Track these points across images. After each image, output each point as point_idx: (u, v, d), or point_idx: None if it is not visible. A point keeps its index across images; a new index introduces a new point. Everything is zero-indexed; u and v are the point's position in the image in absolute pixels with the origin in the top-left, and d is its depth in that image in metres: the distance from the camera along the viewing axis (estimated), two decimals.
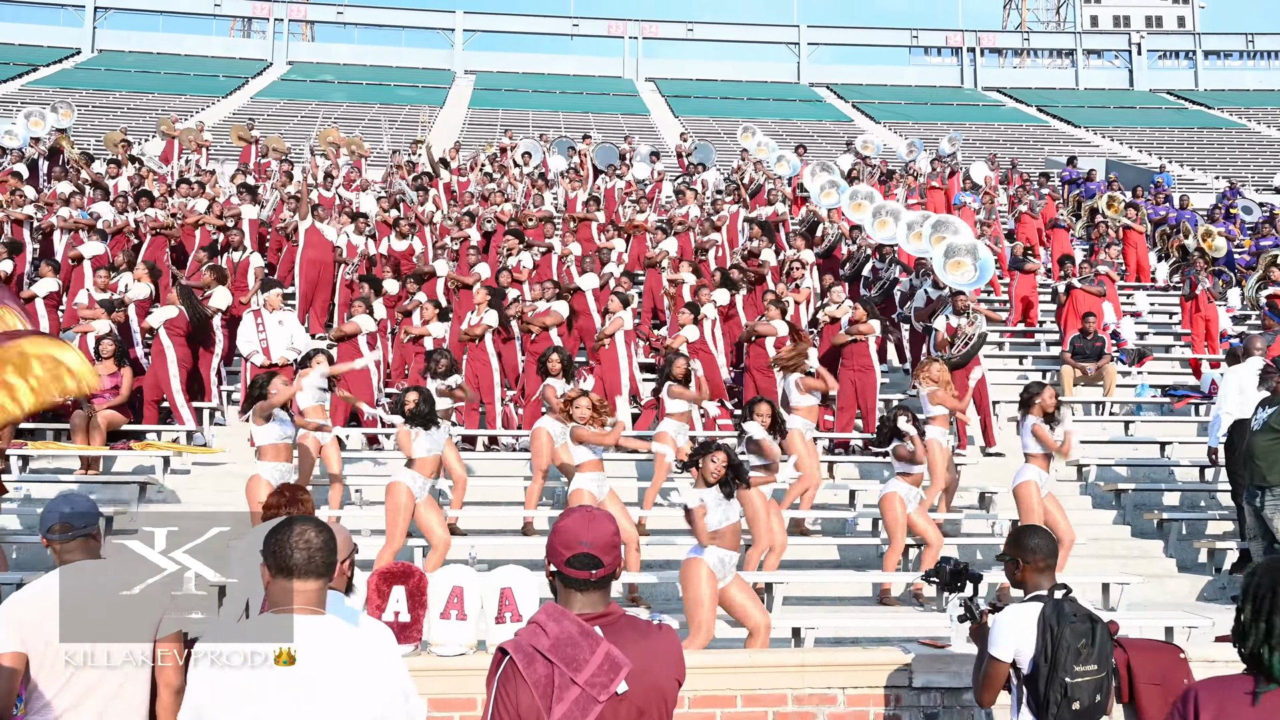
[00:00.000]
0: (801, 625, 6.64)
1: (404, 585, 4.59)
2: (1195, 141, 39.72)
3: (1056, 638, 3.66)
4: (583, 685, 2.44)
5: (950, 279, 11.42)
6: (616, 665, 2.47)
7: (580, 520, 2.63)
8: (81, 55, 49.73)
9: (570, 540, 2.59)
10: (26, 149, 17.77)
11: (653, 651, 2.59)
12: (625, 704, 2.49)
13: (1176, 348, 14.79)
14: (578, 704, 2.43)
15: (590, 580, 2.58)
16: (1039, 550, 3.88)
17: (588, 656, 2.47)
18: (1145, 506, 9.94)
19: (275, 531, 2.72)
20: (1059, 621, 3.68)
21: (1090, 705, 3.67)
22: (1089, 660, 3.67)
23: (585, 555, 2.58)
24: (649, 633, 2.65)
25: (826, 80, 54.41)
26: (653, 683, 2.55)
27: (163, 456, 9.50)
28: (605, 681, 2.45)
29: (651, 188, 19.30)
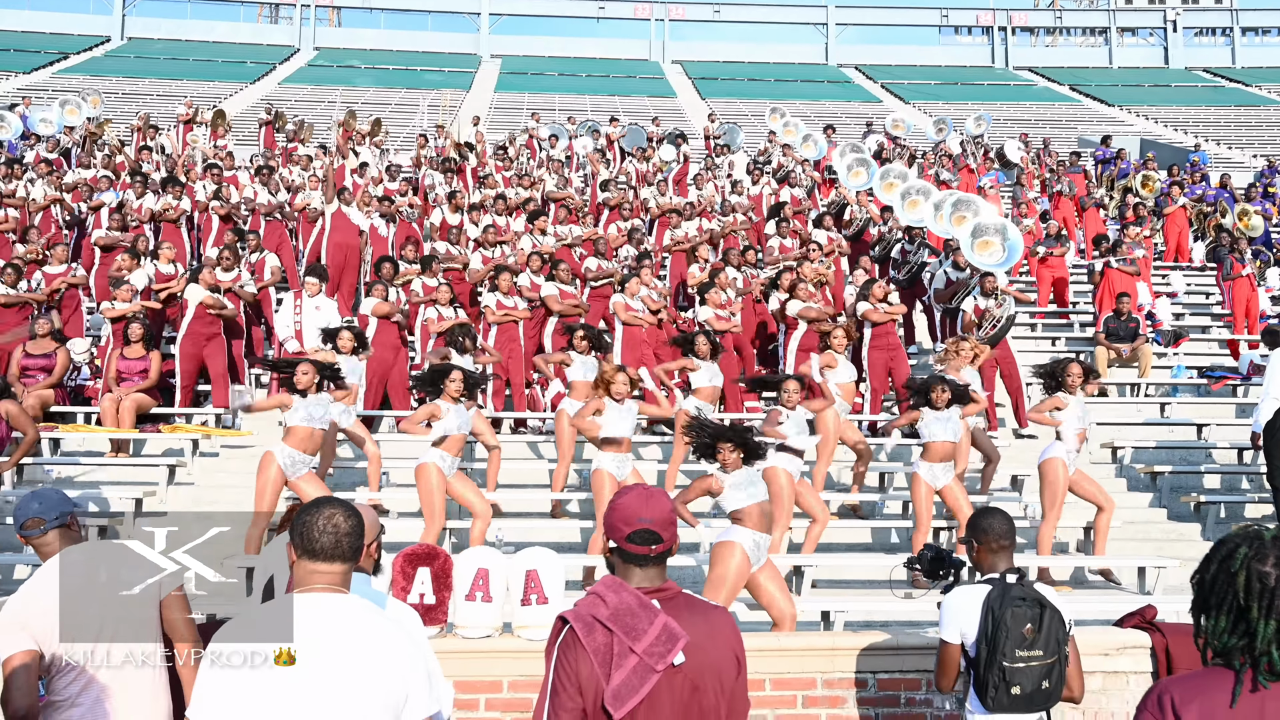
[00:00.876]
0: (831, 608, 6.57)
1: (429, 567, 4.55)
2: (1232, 120, 38.99)
3: (996, 620, 3.57)
4: (641, 654, 2.48)
5: (978, 259, 11.26)
6: (674, 636, 2.51)
7: (639, 497, 2.68)
8: (111, 43, 50.11)
9: (630, 517, 2.63)
10: (60, 137, 17.91)
11: (708, 629, 2.62)
12: (680, 677, 2.52)
13: (1214, 328, 14.54)
14: (635, 672, 2.47)
15: (649, 555, 2.63)
16: (992, 530, 3.78)
17: (646, 627, 2.51)
18: (1182, 489, 9.77)
19: (305, 512, 2.70)
20: (1001, 604, 3.59)
21: (1035, 691, 3.57)
22: (1035, 645, 3.55)
23: (645, 531, 2.62)
24: (705, 611, 2.68)
25: (855, 61, 53.86)
26: (708, 659, 2.57)
27: (191, 439, 9.55)
28: (663, 651, 2.49)
29: (678, 170, 19.19)
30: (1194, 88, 47.75)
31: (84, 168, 15.82)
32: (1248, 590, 2.11)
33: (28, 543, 3.53)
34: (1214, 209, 18.12)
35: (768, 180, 17.12)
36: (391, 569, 4.58)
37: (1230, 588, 2.13)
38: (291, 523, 2.70)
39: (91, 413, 10.01)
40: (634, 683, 2.47)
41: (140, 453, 9.66)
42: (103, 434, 9.51)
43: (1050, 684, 3.58)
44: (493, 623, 4.60)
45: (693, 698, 2.55)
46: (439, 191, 15.06)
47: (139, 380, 9.90)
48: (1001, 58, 55.20)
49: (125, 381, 9.89)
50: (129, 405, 9.59)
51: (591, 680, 2.49)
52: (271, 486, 7.18)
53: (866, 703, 4.60)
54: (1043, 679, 3.56)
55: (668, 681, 2.51)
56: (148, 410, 9.87)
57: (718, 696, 2.59)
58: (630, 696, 2.48)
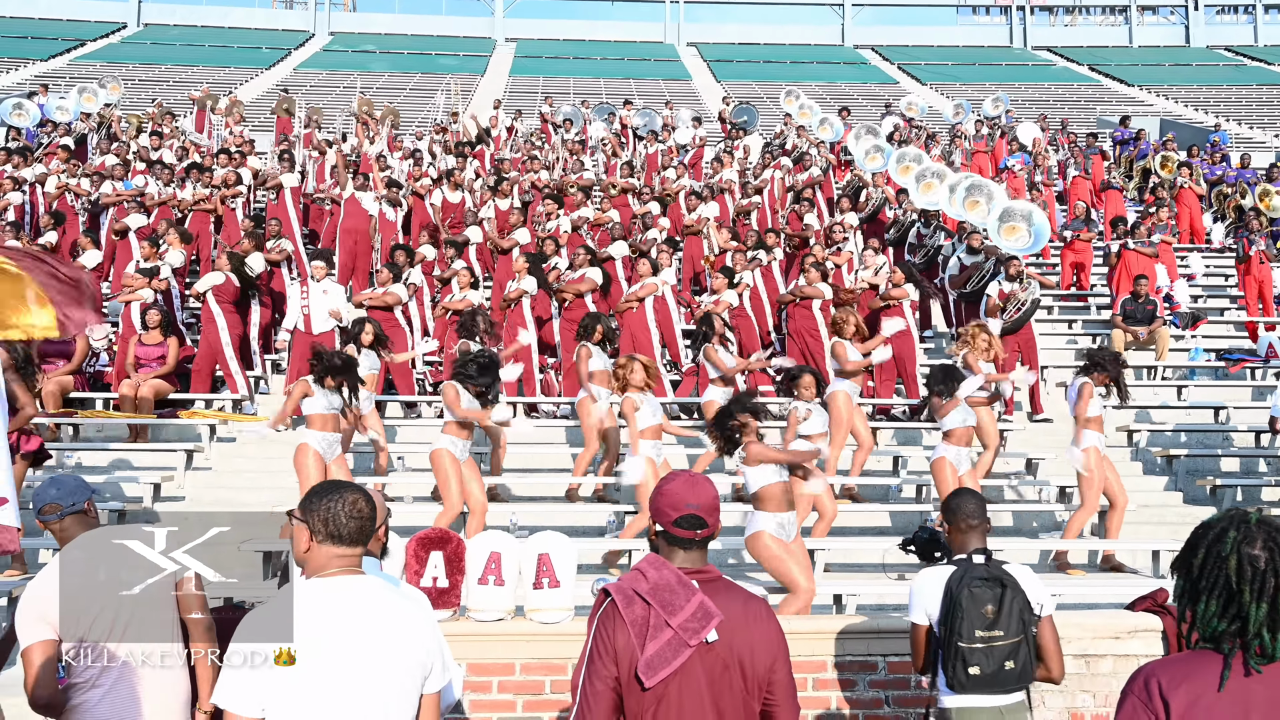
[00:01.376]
0: (844, 592, 6.59)
1: (442, 551, 4.59)
2: (1254, 99, 38.53)
3: (953, 601, 3.53)
4: (676, 628, 2.57)
5: (1005, 244, 11.22)
6: (709, 614, 2.60)
7: (686, 483, 2.77)
8: (127, 30, 50.23)
9: (678, 502, 2.72)
10: (76, 123, 18.00)
11: (744, 613, 2.70)
12: (713, 655, 2.61)
13: (1232, 310, 14.42)
14: (669, 645, 2.57)
15: (694, 539, 2.73)
16: (960, 510, 3.75)
17: (683, 603, 2.60)
18: (1198, 472, 9.72)
19: (325, 498, 2.73)
20: (959, 585, 3.55)
21: (998, 672, 3.50)
22: (995, 625, 3.49)
23: (692, 516, 2.71)
24: (744, 596, 2.76)
25: (871, 42, 53.44)
26: (741, 641, 2.65)
27: (209, 424, 9.63)
28: (697, 627, 2.58)
29: (694, 153, 19.13)
30: (1215, 67, 47.18)
31: (103, 154, 15.92)
32: (1239, 574, 2.10)
33: (45, 527, 3.59)
34: (1234, 190, 17.94)
35: (777, 164, 17.03)
36: (405, 552, 4.62)
37: (1221, 572, 2.12)
38: (308, 508, 2.72)
39: (110, 398, 10.10)
40: (667, 655, 2.57)
41: (158, 438, 9.75)
42: (121, 419, 9.60)
43: (1016, 665, 3.51)
44: (505, 606, 4.63)
45: (723, 676, 2.62)
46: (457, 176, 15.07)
47: (157, 366, 10.00)
48: (1020, 37, 54.66)
49: (143, 367, 9.98)
50: (147, 391, 9.68)
51: (627, 650, 2.59)
52: (312, 474, 7.26)
53: (877, 685, 4.62)
54: (1005, 660, 3.49)
55: (701, 657, 2.60)
56: (165, 396, 9.96)
57: (747, 678, 2.65)
58: (663, 667, 2.57)
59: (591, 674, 2.62)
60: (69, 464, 9.10)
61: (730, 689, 2.63)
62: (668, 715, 2.59)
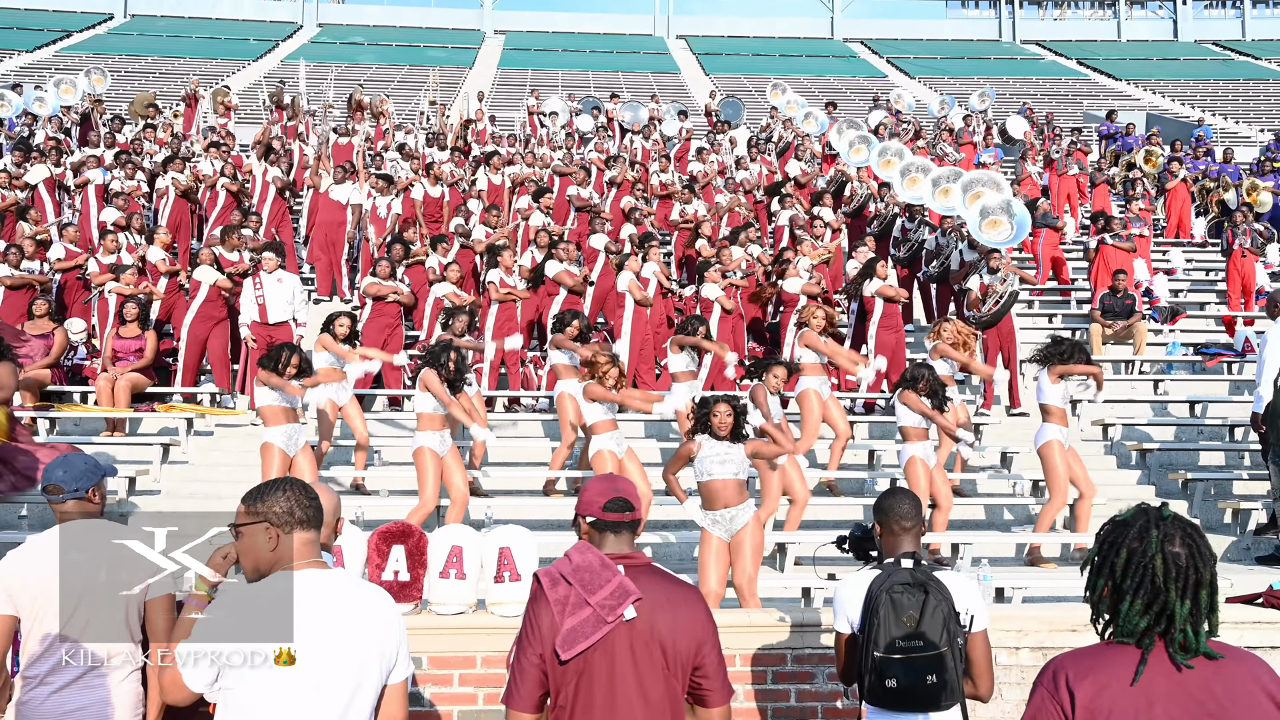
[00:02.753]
0: (812, 585, 6.63)
1: (403, 545, 4.61)
2: (1241, 93, 38.63)
3: (872, 608, 3.29)
4: (594, 605, 2.71)
5: (986, 238, 11.26)
6: (626, 592, 2.74)
7: (607, 478, 2.97)
8: (114, 20, 49.96)
9: (605, 489, 2.90)
10: (58, 116, 17.90)
11: (668, 596, 2.81)
12: (634, 634, 2.73)
13: (1212, 305, 14.49)
14: (588, 621, 2.71)
15: (622, 522, 2.88)
16: (893, 511, 3.52)
17: (603, 583, 2.74)
18: (1171, 466, 9.79)
19: (276, 492, 2.76)
20: (879, 591, 3.31)
21: (917, 685, 3.22)
22: (916, 635, 3.22)
23: (619, 499, 2.87)
24: (669, 581, 2.88)
25: (861, 35, 53.43)
26: (665, 622, 2.76)
27: (186, 418, 9.63)
28: (614, 604, 2.71)
29: (679, 146, 19.15)
30: (1203, 61, 47.26)
31: (86, 145, 15.86)
32: (1165, 573, 2.13)
33: (50, 504, 3.56)
34: (1217, 184, 18.01)
35: (764, 158, 17.04)
36: (366, 547, 4.64)
37: (1147, 572, 2.14)
38: (263, 509, 2.74)
39: (88, 392, 10.09)
40: (585, 630, 2.70)
41: (135, 432, 9.75)
42: (98, 413, 9.60)
43: (939, 679, 3.23)
44: (467, 599, 4.66)
45: (644, 653, 2.74)
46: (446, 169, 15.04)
47: (135, 360, 9.99)
48: (1009, 31, 54.69)
49: (121, 361, 9.98)
50: (124, 385, 9.68)
51: (551, 628, 2.72)
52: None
53: (836, 678, 4.64)
54: (928, 673, 3.21)
55: (626, 635, 2.72)
56: (143, 389, 9.96)
57: (669, 658, 2.75)
58: (580, 641, 2.69)
59: (520, 651, 2.77)
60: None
61: (652, 666, 2.74)
62: (589, 688, 2.71)
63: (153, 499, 8.54)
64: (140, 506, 8.21)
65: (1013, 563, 8.02)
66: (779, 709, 4.64)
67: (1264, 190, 17.08)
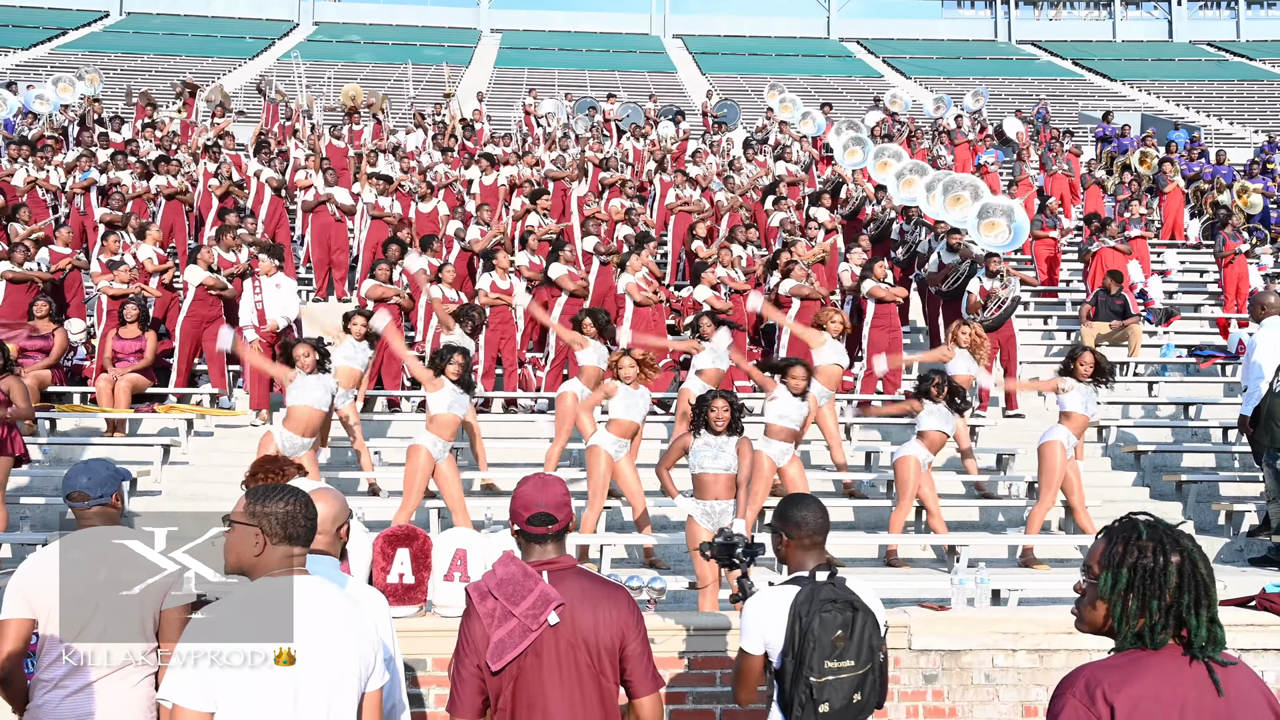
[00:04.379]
0: None
1: (408, 548, 4.66)
2: (1235, 94, 38.78)
3: (804, 630, 3.12)
4: (519, 616, 2.85)
5: (984, 240, 11.32)
6: (548, 599, 2.88)
7: (535, 485, 3.06)
8: (110, 18, 49.89)
9: (528, 503, 3.02)
10: (56, 115, 17.90)
11: (589, 596, 2.96)
12: (559, 637, 2.89)
13: (1206, 307, 14.58)
14: (514, 632, 2.85)
15: (547, 534, 3.01)
16: (805, 524, 3.33)
17: (525, 593, 2.88)
18: (1165, 468, 9.86)
19: (278, 501, 2.77)
20: (809, 610, 3.14)
21: (846, 706, 3.14)
22: (845, 655, 3.13)
23: (542, 514, 3.00)
24: (590, 580, 3.04)
25: (857, 35, 53.53)
26: (586, 621, 2.91)
27: (186, 419, 9.66)
28: (537, 612, 2.86)
29: (677, 147, 19.18)
30: (1197, 62, 47.42)
31: (81, 145, 15.87)
32: (1182, 579, 2.15)
33: (72, 510, 3.59)
34: (1210, 185, 18.11)
35: (760, 160, 17.09)
36: (372, 549, 4.68)
37: (1185, 577, 2.16)
38: (261, 512, 2.76)
39: (88, 392, 10.12)
40: (512, 640, 2.84)
41: (135, 432, 9.78)
42: (99, 414, 9.62)
43: (863, 696, 3.18)
44: None
45: (570, 654, 2.89)
46: (439, 170, 15.07)
47: (134, 360, 10.02)
48: (1004, 31, 54.83)
49: (121, 362, 10.01)
50: (124, 385, 9.70)
51: (483, 640, 2.88)
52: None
53: None
54: (854, 692, 3.15)
55: (552, 640, 2.88)
56: (143, 390, 9.99)
57: (593, 655, 2.91)
58: (507, 652, 2.84)
59: (459, 664, 2.93)
60: (47, 457, 9.14)
61: (578, 666, 2.90)
62: (523, 693, 2.87)
63: (153, 499, 8.57)
64: (141, 507, 8.23)
65: (1008, 564, 8.08)
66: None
67: (1254, 192, 17.19)
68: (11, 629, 3.31)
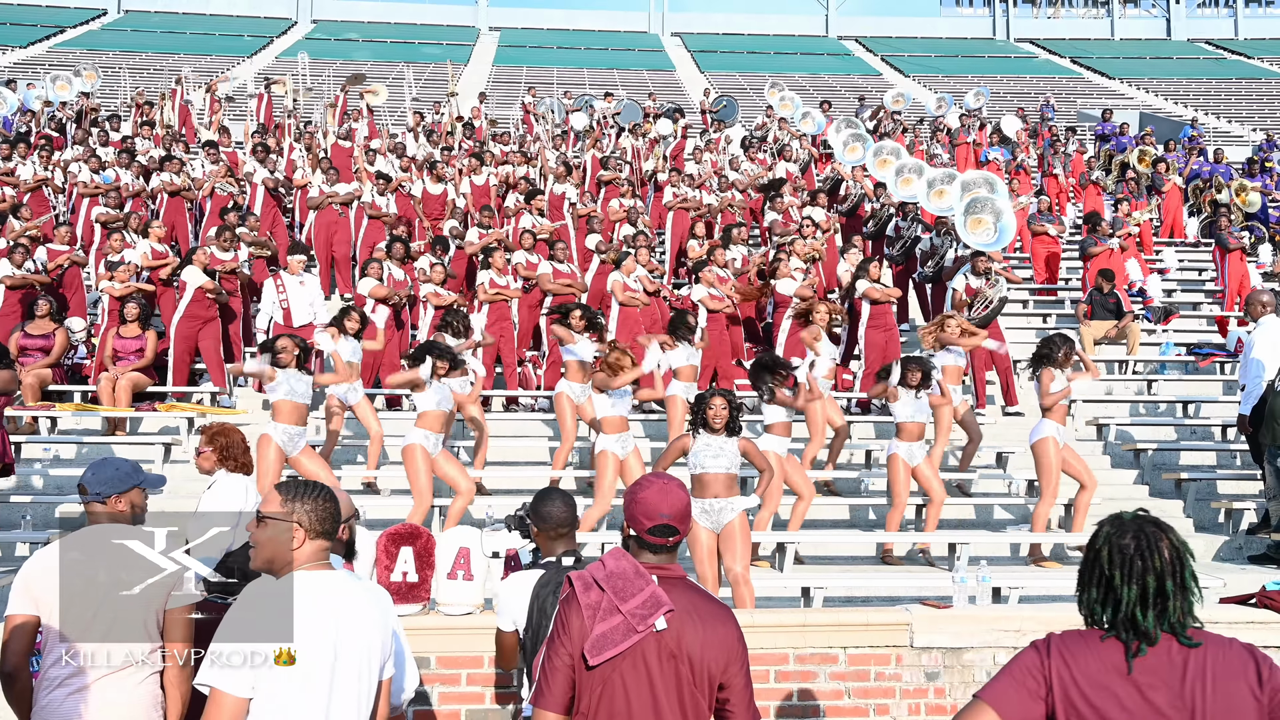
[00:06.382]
0: (811, 585, 6.70)
1: (411, 546, 4.67)
2: (1233, 93, 38.81)
3: (541, 608, 3.38)
4: (625, 613, 2.70)
5: (969, 237, 11.32)
6: (659, 602, 2.72)
7: (659, 492, 2.86)
8: (107, 16, 49.83)
9: (652, 511, 2.83)
10: (54, 113, 17.90)
11: (700, 611, 2.79)
12: (663, 645, 2.71)
13: (1205, 305, 14.59)
14: (618, 628, 2.70)
15: (665, 545, 2.86)
16: (551, 518, 3.68)
17: (635, 591, 2.73)
18: (1165, 466, 9.88)
19: (315, 498, 2.86)
20: (546, 593, 3.41)
21: None
22: None
23: (665, 526, 2.83)
24: (703, 596, 2.87)
25: (855, 33, 53.54)
26: (694, 636, 2.74)
27: (187, 418, 9.66)
28: (646, 613, 2.70)
29: (675, 145, 19.17)
30: (1195, 60, 47.45)
31: (79, 144, 15.86)
32: (1110, 560, 2.34)
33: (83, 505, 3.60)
34: (1208, 184, 18.12)
35: (761, 159, 17.10)
36: (376, 548, 4.69)
37: (1147, 564, 2.32)
38: (301, 508, 2.83)
39: (88, 391, 10.12)
40: (614, 637, 2.68)
41: (136, 431, 9.79)
42: (99, 412, 9.63)
43: None
44: (474, 600, 4.72)
45: (671, 665, 2.72)
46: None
47: (135, 359, 10.02)
48: (1003, 29, 54.85)
49: (121, 360, 10.01)
50: (125, 384, 9.71)
51: (580, 632, 2.72)
52: (273, 468, 7.32)
53: (837, 677, 4.73)
54: None
55: (655, 645, 2.70)
56: (144, 389, 9.99)
57: (695, 672, 2.73)
58: (608, 648, 2.68)
59: (550, 652, 2.77)
60: (47, 456, 9.14)
61: (677, 679, 2.73)
62: (612, 696, 2.71)
63: (154, 498, 8.53)
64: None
65: (1009, 562, 8.10)
66: (781, 707, 4.70)
67: (1252, 190, 17.20)
68: (13, 624, 3.31)
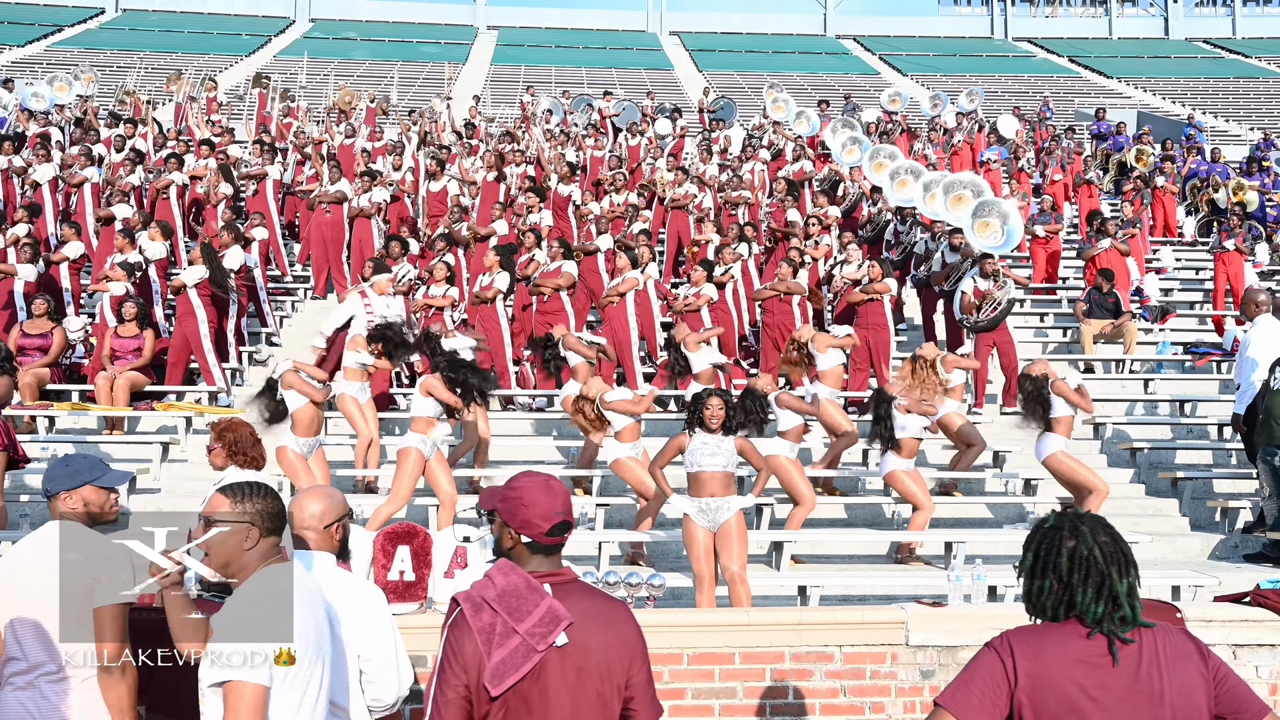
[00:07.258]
0: (808, 583, 6.72)
1: (409, 545, 4.68)
2: (1231, 92, 38.82)
3: None
4: (523, 634, 2.52)
5: (977, 240, 11.33)
6: (557, 618, 2.56)
7: (545, 490, 2.69)
8: (105, 15, 49.77)
9: (549, 512, 2.65)
10: (52, 114, 17.87)
11: (598, 615, 2.65)
12: (567, 660, 2.56)
13: (1202, 304, 14.61)
14: (517, 652, 2.51)
15: (559, 544, 2.70)
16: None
17: (530, 608, 2.55)
18: (1161, 465, 9.90)
19: (261, 496, 2.87)
20: None
21: None
22: None
23: (563, 524, 2.68)
24: (598, 598, 2.73)
25: (853, 32, 53.53)
26: (597, 643, 2.61)
27: (185, 417, 9.67)
28: (544, 632, 2.53)
29: (674, 144, 19.19)
30: (1193, 59, 47.48)
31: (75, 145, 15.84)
32: (1105, 559, 2.43)
33: None
34: (1206, 183, 18.14)
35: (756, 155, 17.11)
36: (372, 547, 4.71)
37: (1092, 562, 2.43)
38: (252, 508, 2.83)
39: (86, 390, 10.13)
40: (515, 661, 2.51)
41: (134, 430, 9.80)
42: (97, 411, 9.64)
43: None
44: None
45: (577, 679, 2.58)
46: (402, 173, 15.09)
47: (133, 358, 10.03)
48: (1001, 28, 54.87)
49: (119, 360, 10.01)
50: (123, 383, 9.72)
51: (475, 659, 2.52)
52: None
53: (833, 675, 4.74)
54: None
55: (557, 661, 2.55)
56: (141, 388, 10.00)
57: (603, 680, 2.61)
58: (510, 675, 2.51)
59: (442, 683, 2.55)
60: (45, 455, 9.14)
61: (585, 691, 2.59)
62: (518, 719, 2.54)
63: (152, 498, 8.59)
64: (140, 505, 8.24)
65: (1005, 561, 8.10)
66: (777, 705, 4.72)
67: (1250, 189, 17.22)
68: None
